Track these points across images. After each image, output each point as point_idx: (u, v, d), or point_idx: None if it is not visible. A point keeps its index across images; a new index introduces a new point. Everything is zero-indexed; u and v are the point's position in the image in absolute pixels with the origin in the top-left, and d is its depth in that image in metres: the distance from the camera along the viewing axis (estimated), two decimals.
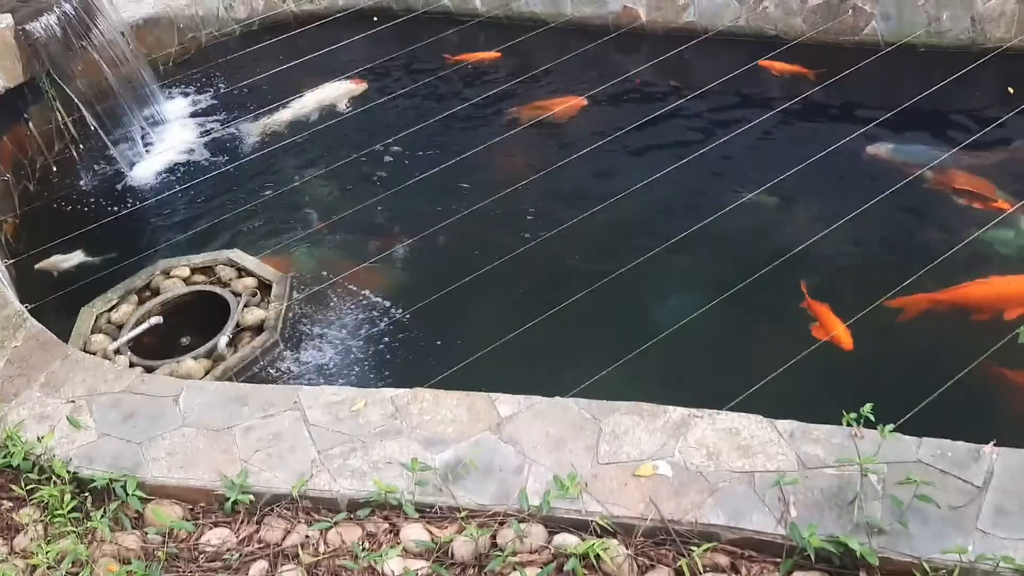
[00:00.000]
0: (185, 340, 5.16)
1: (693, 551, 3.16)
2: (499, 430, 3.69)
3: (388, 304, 5.12)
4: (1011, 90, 6.46)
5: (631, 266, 4.81)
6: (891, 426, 3.27)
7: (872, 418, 3.25)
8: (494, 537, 3.28)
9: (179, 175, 6.75)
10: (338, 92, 7.61)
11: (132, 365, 4.77)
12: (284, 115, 7.36)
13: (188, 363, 4.77)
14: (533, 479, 3.46)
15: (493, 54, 7.75)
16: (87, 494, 3.61)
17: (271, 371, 4.82)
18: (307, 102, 7.46)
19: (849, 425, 3.32)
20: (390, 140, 6.66)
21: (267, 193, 6.34)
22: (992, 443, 3.36)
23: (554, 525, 3.33)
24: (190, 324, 5.24)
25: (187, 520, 3.51)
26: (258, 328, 5.02)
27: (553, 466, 3.50)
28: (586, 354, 4.50)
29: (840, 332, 4.62)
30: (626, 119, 6.69)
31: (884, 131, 6.24)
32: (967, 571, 2.96)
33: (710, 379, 4.50)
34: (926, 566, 2.98)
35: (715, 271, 5.14)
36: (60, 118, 6.90)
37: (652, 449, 3.53)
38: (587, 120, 6.92)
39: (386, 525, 3.42)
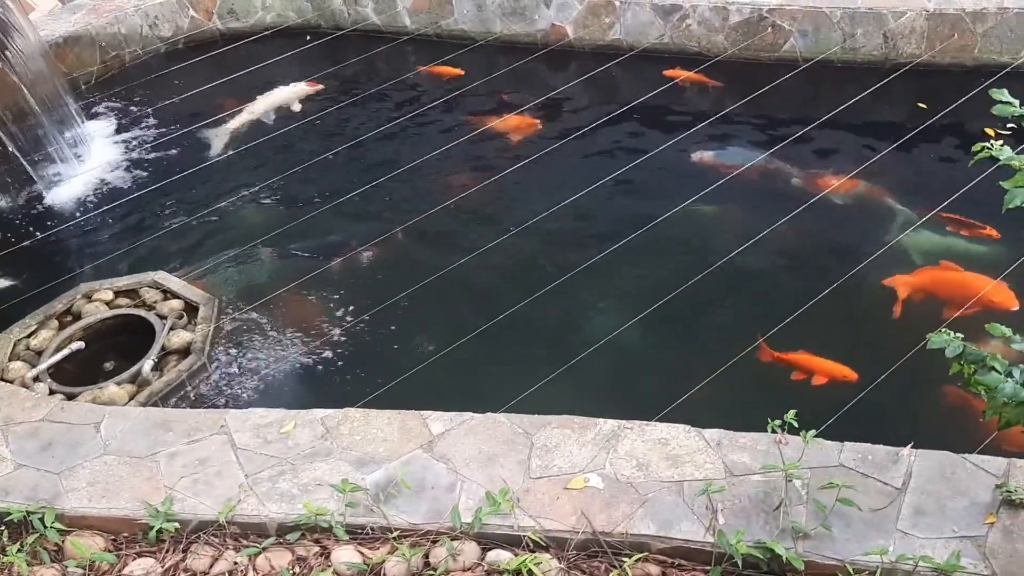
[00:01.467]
0: (109, 365, 5.01)
1: (624, 562, 3.19)
2: (431, 448, 3.67)
3: (319, 323, 5.06)
4: (923, 105, 6.70)
5: (560, 281, 4.85)
6: (813, 432, 3.35)
7: (795, 424, 3.33)
8: (427, 556, 3.27)
9: (101, 195, 6.57)
10: (292, 93, 7.61)
11: (52, 392, 4.62)
12: (240, 119, 7.35)
13: (111, 389, 4.64)
14: (465, 496, 3.46)
15: (458, 70, 7.78)
16: (3, 528, 3.49)
17: (199, 395, 4.72)
18: (259, 106, 7.47)
19: (774, 432, 3.40)
20: (320, 158, 6.60)
21: (194, 212, 6.21)
22: (910, 445, 3.47)
23: (487, 542, 3.33)
24: (114, 349, 5.10)
25: (109, 551, 3.41)
26: (185, 351, 4.91)
27: (485, 482, 3.50)
28: (519, 369, 4.51)
29: (838, 370, 4.48)
30: (556, 134, 6.76)
31: (803, 143, 6.42)
32: (889, 572, 3.05)
33: (641, 390, 4.55)
34: (849, 568, 3.06)
35: (645, 283, 5.20)
36: None
37: (583, 462, 3.56)
38: (522, 136, 6.98)
39: (317, 548, 3.38)
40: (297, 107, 7.55)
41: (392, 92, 7.65)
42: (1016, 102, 2.24)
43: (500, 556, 3.25)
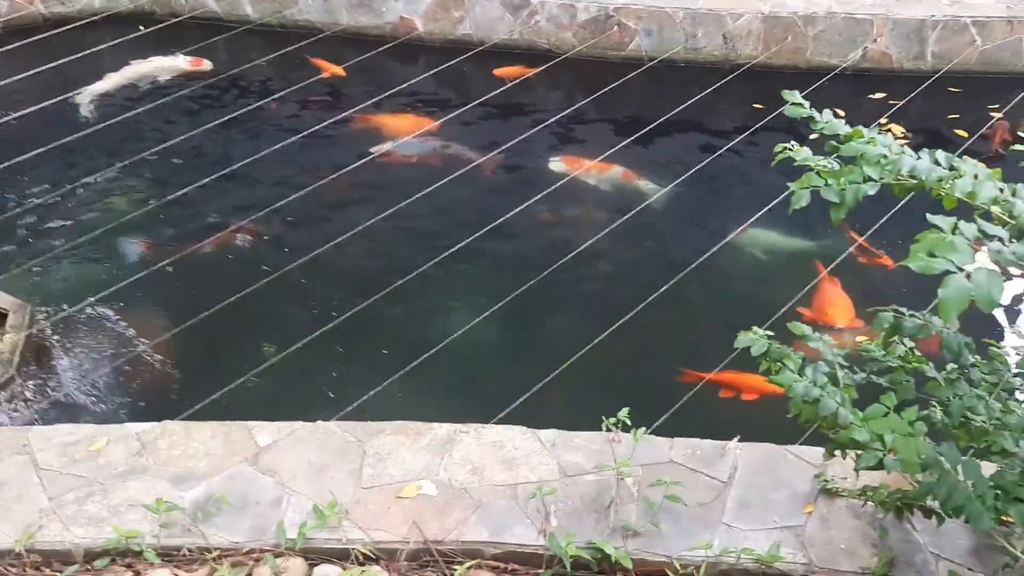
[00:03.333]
0: None
1: (456, 570, 3.11)
2: (256, 461, 3.49)
3: (141, 331, 4.75)
4: (759, 106, 6.95)
5: (398, 285, 4.73)
6: (643, 429, 3.38)
7: (628, 423, 3.35)
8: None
9: None
10: (168, 65, 7.30)
11: None
12: (99, 86, 7.11)
13: None
14: (292, 510, 3.29)
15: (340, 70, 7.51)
16: None
17: (7, 409, 4.34)
18: (129, 72, 7.23)
19: (608, 431, 3.41)
20: (155, 150, 6.21)
21: (5, 209, 5.73)
22: (736, 439, 3.55)
23: (314, 557, 3.18)
24: None
25: None
26: None
27: (314, 495, 3.34)
28: (355, 375, 4.38)
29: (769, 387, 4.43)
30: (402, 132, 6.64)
31: (654, 139, 6.53)
32: (713, 565, 3.09)
33: (480, 393, 4.50)
34: (676, 564, 3.09)
35: (485, 284, 5.16)
36: None
37: (417, 469, 3.46)
38: (365, 132, 6.80)
39: (129, 574, 3.14)
40: (164, 80, 7.23)
41: (237, 83, 7.32)
42: (807, 104, 2.29)
43: (328, 571, 3.11)
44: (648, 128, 6.48)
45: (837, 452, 2.73)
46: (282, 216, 5.74)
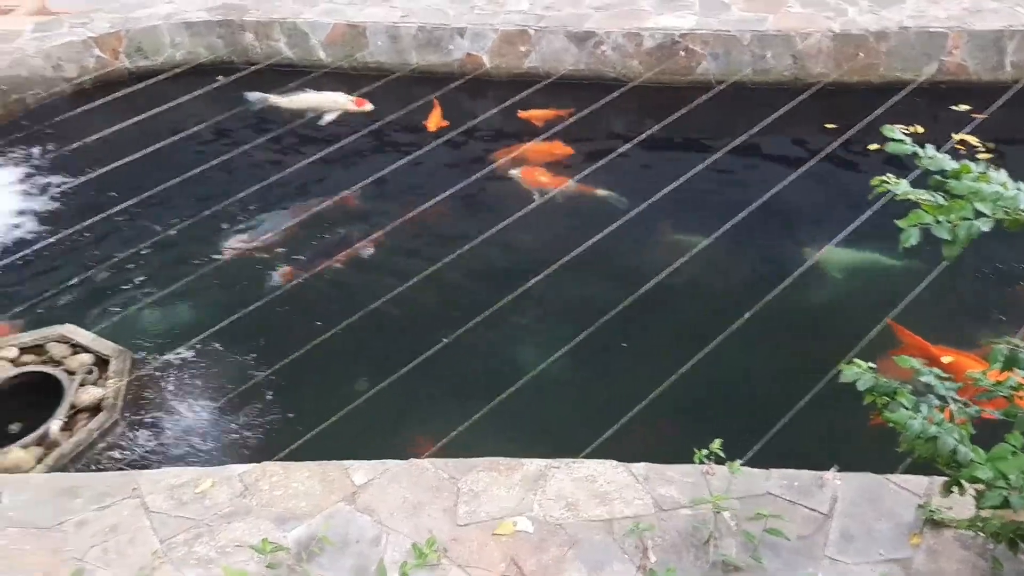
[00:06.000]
0: (14, 427, 4.75)
1: None
2: (354, 499, 3.56)
3: (236, 373, 4.89)
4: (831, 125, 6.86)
5: (480, 319, 4.79)
6: (739, 461, 3.35)
7: (722, 454, 3.32)
8: None
9: (4, 247, 6.29)
10: (333, 102, 7.62)
11: None
12: (273, 98, 7.64)
13: (16, 453, 4.40)
14: (391, 549, 3.35)
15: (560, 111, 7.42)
16: None
17: (112, 454, 4.51)
18: (296, 100, 7.66)
19: (701, 463, 3.39)
20: (242, 195, 6.44)
21: (106, 259, 5.99)
22: (834, 469, 3.49)
23: None
24: (20, 409, 4.84)
25: None
26: (95, 408, 4.68)
27: (411, 533, 3.40)
28: (442, 410, 4.43)
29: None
30: (472, 159, 6.74)
31: (729, 162, 6.51)
32: None
33: (567, 426, 4.50)
34: None
35: (566, 317, 5.17)
36: None
37: (511, 505, 3.49)
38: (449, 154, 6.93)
39: None
40: (329, 118, 7.53)
41: (318, 126, 7.54)
42: (908, 140, 2.27)
43: None
44: (719, 153, 6.46)
45: (955, 488, 2.65)
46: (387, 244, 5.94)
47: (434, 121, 7.40)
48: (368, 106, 7.60)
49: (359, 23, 8.21)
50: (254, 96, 7.76)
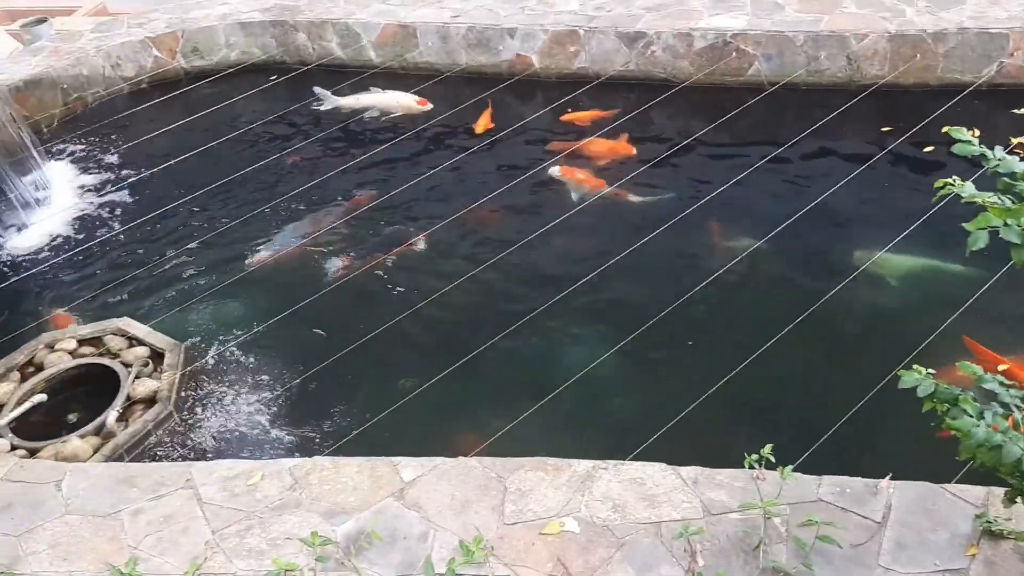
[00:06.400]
0: (72, 417, 4.88)
1: None
2: (402, 495, 3.58)
3: (288, 368, 4.96)
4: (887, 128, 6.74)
5: (527, 319, 4.80)
6: (790, 467, 3.30)
7: (772, 459, 3.28)
8: None
9: (64, 241, 6.46)
10: (397, 102, 7.75)
11: (13, 448, 4.49)
12: (339, 99, 7.82)
13: (75, 442, 4.51)
14: (439, 545, 3.37)
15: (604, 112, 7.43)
16: None
17: (166, 445, 4.60)
18: (362, 99, 7.84)
19: (751, 467, 3.34)
20: (293, 192, 6.53)
21: (162, 254, 6.13)
22: (888, 477, 3.42)
23: None
24: (77, 400, 4.97)
25: None
26: (151, 400, 4.79)
27: (459, 530, 3.41)
28: (490, 408, 4.44)
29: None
30: (525, 164, 6.75)
31: (781, 165, 6.44)
32: None
33: (615, 428, 4.49)
34: None
35: (614, 318, 5.15)
36: None
37: (558, 505, 3.48)
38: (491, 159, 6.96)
39: None
40: (395, 114, 7.70)
41: (369, 125, 7.62)
42: (976, 141, 2.22)
43: None
44: (772, 154, 6.39)
45: (1019, 499, 2.59)
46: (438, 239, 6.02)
47: (482, 124, 7.42)
48: (429, 106, 7.68)
49: (410, 23, 8.28)
50: (322, 92, 7.89)
